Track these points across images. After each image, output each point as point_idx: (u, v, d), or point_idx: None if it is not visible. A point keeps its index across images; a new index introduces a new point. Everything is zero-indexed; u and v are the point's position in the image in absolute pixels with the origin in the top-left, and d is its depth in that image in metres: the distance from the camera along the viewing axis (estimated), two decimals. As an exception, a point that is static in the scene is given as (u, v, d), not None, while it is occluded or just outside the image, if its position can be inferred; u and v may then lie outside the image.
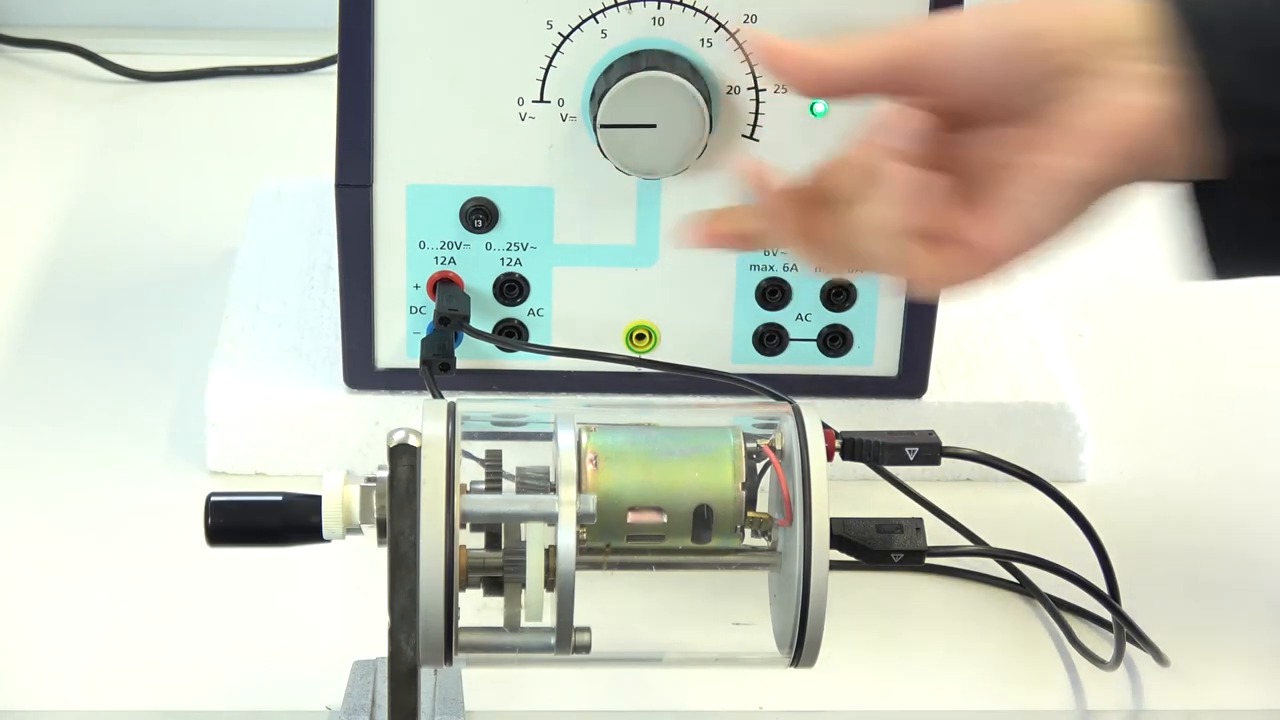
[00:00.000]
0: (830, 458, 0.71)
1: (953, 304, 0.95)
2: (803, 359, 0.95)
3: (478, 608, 0.70)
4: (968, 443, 0.77)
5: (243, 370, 0.97)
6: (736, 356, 0.95)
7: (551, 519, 0.68)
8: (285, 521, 0.71)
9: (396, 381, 0.95)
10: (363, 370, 0.95)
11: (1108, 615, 0.85)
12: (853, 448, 0.73)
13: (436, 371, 0.91)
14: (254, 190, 1.13)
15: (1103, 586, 0.83)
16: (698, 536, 0.71)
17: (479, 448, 0.72)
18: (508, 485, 0.70)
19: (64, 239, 1.16)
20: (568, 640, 0.69)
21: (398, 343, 0.94)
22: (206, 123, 1.32)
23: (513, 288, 0.93)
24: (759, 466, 0.72)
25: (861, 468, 0.78)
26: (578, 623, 0.69)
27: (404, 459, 0.67)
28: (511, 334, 0.94)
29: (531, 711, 0.82)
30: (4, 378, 1.03)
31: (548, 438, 0.71)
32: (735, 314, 0.94)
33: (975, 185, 0.74)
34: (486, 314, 0.93)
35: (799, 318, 0.94)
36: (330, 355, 0.97)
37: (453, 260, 0.92)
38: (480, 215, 0.91)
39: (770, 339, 0.95)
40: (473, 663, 0.72)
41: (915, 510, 0.88)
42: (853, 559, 0.73)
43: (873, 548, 0.73)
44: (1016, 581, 0.90)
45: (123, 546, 0.91)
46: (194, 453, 0.96)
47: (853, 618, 0.84)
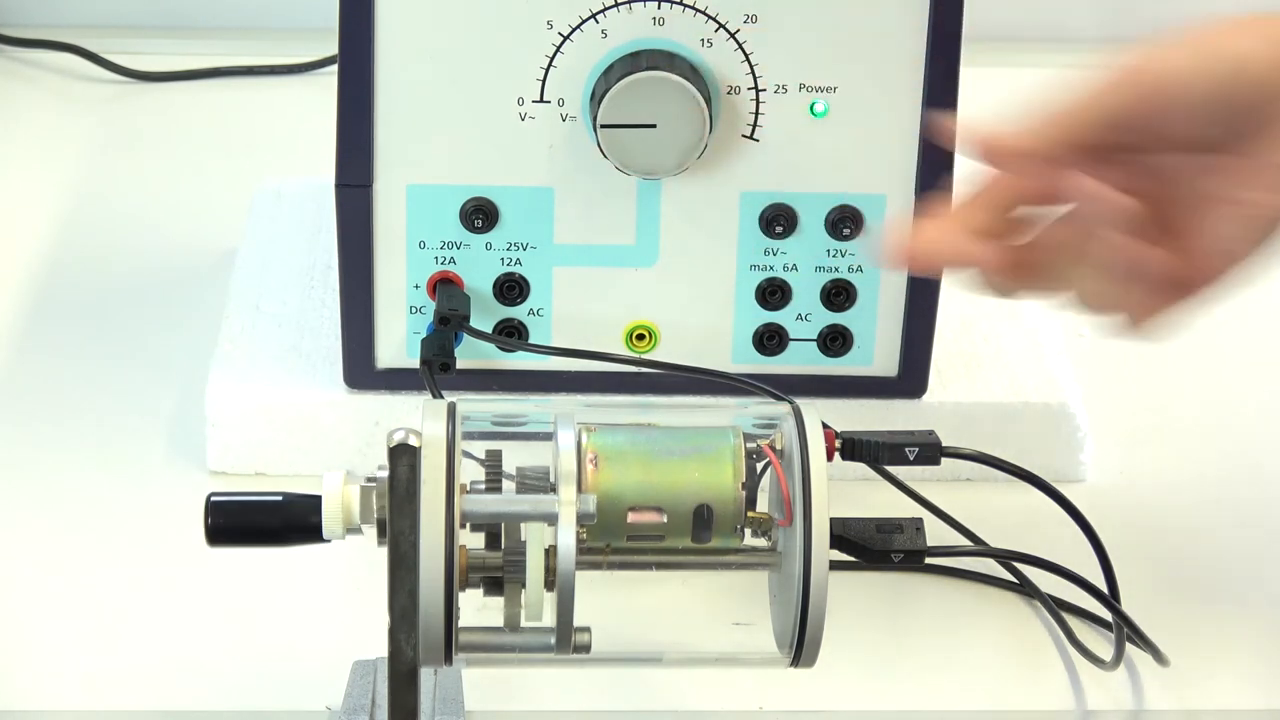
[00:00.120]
0: (830, 458, 0.71)
1: (952, 304, 0.95)
2: (803, 359, 0.95)
3: (478, 608, 0.70)
4: (968, 443, 0.77)
5: (243, 370, 0.97)
6: (736, 356, 0.95)
7: (551, 519, 0.68)
8: (285, 521, 0.71)
9: (396, 381, 0.95)
10: (363, 370, 0.95)
11: (1108, 615, 0.85)
12: (853, 448, 0.73)
13: (436, 371, 0.91)
14: (254, 190, 1.13)
15: (1103, 586, 0.83)
16: (698, 536, 0.71)
17: (479, 448, 0.72)
18: (508, 485, 0.70)
19: (64, 239, 1.16)
20: (568, 640, 0.69)
21: (398, 343, 0.94)
22: (206, 123, 1.31)
23: (513, 288, 0.93)
24: (759, 466, 0.72)
25: (861, 468, 0.78)
26: (578, 623, 0.69)
27: (404, 459, 0.67)
28: (511, 334, 0.94)
29: (531, 711, 0.82)
30: (4, 378, 1.03)
31: (548, 438, 0.71)
32: (735, 314, 0.94)
33: (1170, 211, 0.74)
34: (486, 314, 0.93)
35: (799, 318, 0.94)
36: (330, 355, 0.97)
37: (453, 260, 0.92)
38: (480, 215, 0.91)
39: (770, 339, 0.94)
40: (473, 663, 0.72)
41: (915, 510, 0.88)
42: (853, 559, 0.73)
43: (873, 548, 0.73)
44: (1016, 581, 0.90)
45: (123, 546, 0.91)
46: (194, 453, 0.96)
47: (853, 618, 0.84)
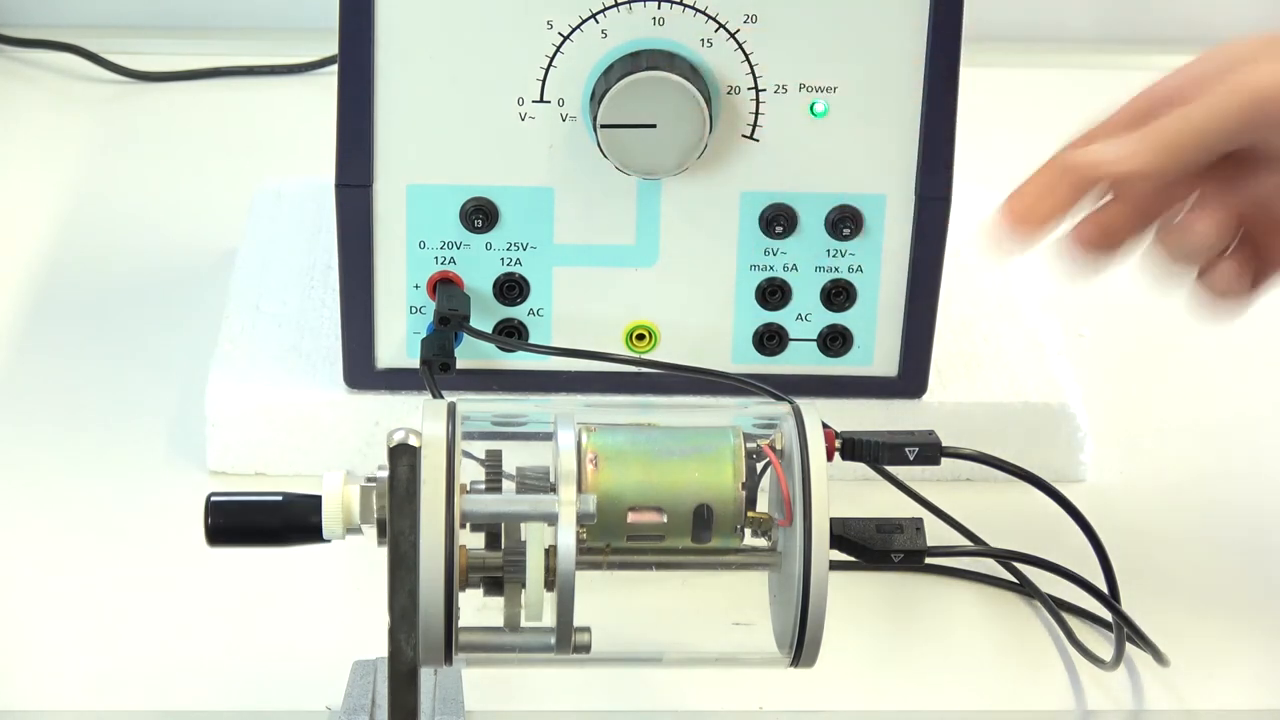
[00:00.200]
0: (830, 458, 0.71)
1: (952, 304, 0.95)
2: (803, 359, 0.95)
3: (478, 608, 0.70)
4: (968, 443, 0.77)
5: (243, 370, 0.97)
6: (736, 356, 0.95)
7: (551, 519, 0.68)
8: (285, 521, 0.71)
9: (396, 381, 0.95)
10: (363, 370, 0.95)
11: (1108, 615, 0.85)
12: (853, 448, 0.73)
13: (436, 371, 0.91)
14: (254, 190, 1.13)
15: (1103, 586, 0.83)
16: (698, 536, 0.71)
17: (479, 448, 0.72)
18: (508, 485, 0.70)
19: (64, 239, 1.16)
20: (568, 640, 0.69)
21: (398, 343, 0.94)
22: (206, 123, 1.31)
23: (513, 288, 0.93)
24: (759, 466, 0.72)
25: (861, 468, 0.78)
26: (578, 623, 0.69)
27: (404, 459, 0.67)
28: (511, 334, 0.94)
29: (531, 711, 0.82)
30: (4, 378, 1.03)
31: (548, 438, 0.71)
32: (735, 314, 0.94)
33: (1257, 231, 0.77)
34: (486, 314, 0.93)
35: (799, 318, 0.94)
36: (330, 355, 0.97)
37: (453, 260, 0.92)
38: (480, 215, 0.91)
39: (770, 339, 0.94)
40: (473, 663, 0.72)
41: (915, 510, 0.88)
42: (853, 559, 0.73)
43: (873, 548, 0.73)
44: (1016, 581, 0.90)
45: (123, 546, 0.91)
46: (194, 453, 0.96)
47: (853, 618, 0.84)
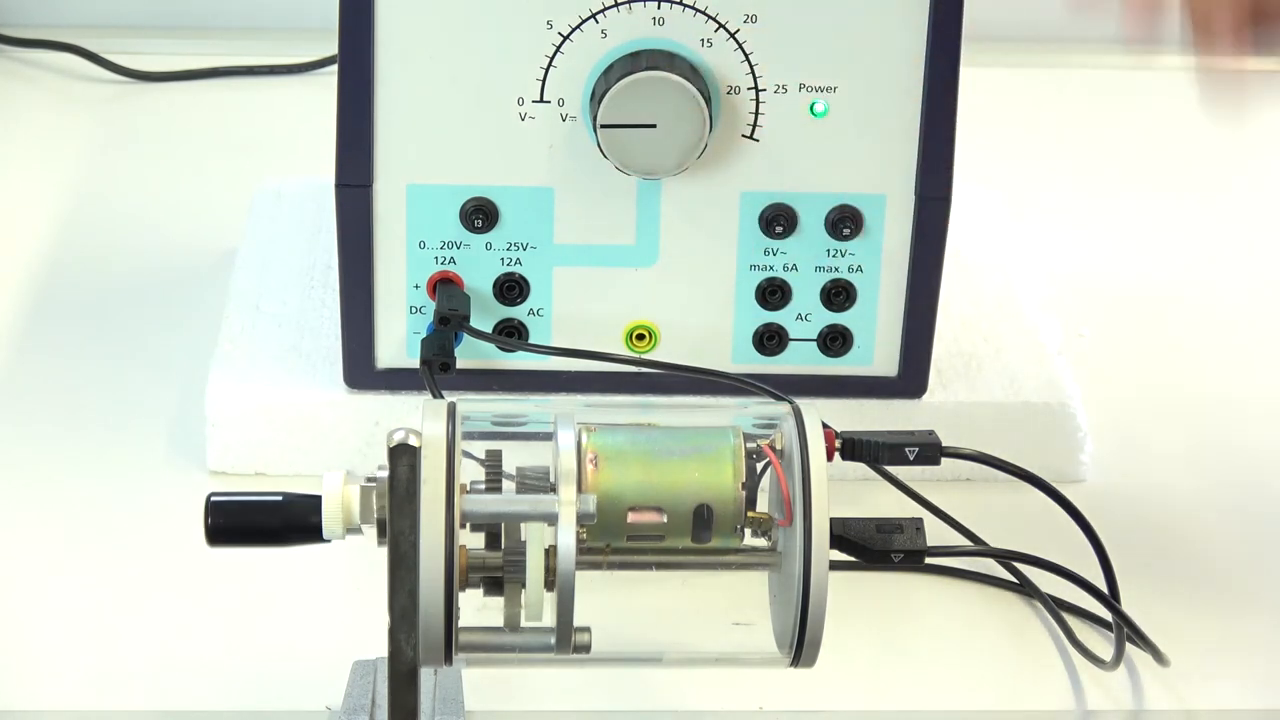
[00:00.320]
0: (830, 458, 0.71)
1: (952, 304, 0.95)
2: (803, 359, 0.95)
3: (478, 608, 0.70)
4: (968, 443, 0.77)
5: (243, 370, 0.97)
6: (736, 356, 0.95)
7: (551, 519, 0.68)
8: (285, 521, 0.71)
9: (396, 381, 0.95)
10: (363, 370, 0.95)
11: (1108, 615, 0.85)
12: (853, 448, 0.73)
13: (436, 371, 0.91)
14: (254, 190, 1.13)
15: (1103, 586, 0.83)
16: (698, 536, 0.71)
17: (479, 448, 0.72)
18: (508, 485, 0.70)
19: (64, 239, 1.16)
20: (568, 640, 0.69)
21: (398, 343, 0.94)
22: (206, 123, 1.31)
23: (513, 288, 0.93)
24: (759, 466, 0.72)
25: (861, 468, 0.78)
26: (578, 623, 0.69)
27: (404, 459, 0.67)
28: (511, 334, 0.94)
29: (531, 711, 0.82)
30: (4, 378, 1.03)
31: (548, 438, 0.71)
32: (735, 314, 0.94)
33: None
34: (486, 314, 0.93)
35: (799, 318, 0.94)
36: (330, 355, 0.97)
37: (453, 260, 0.92)
38: (480, 215, 0.91)
39: (770, 339, 0.94)
40: (473, 663, 0.72)
41: (915, 510, 0.88)
42: (853, 559, 0.73)
43: (873, 548, 0.73)
44: (1016, 581, 0.90)
45: (123, 546, 0.91)
46: (194, 453, 0.96)
47: (853, 618, 0.84)
